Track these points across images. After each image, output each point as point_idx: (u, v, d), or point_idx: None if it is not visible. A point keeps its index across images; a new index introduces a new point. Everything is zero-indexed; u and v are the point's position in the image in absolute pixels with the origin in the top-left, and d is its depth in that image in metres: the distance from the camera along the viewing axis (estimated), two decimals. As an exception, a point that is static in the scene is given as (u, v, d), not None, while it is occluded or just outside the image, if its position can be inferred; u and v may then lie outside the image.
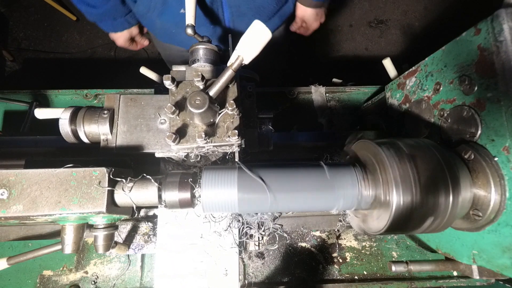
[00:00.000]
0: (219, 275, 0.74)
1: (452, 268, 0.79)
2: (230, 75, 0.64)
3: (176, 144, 0.66)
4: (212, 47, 0.87)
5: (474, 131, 0.64)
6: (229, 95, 0.71)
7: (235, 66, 0.63)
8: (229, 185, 0.63)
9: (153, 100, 0.77)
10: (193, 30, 0.85)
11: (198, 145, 0.67)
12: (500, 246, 0.59)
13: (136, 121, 0.74)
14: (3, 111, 1.18)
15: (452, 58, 0.71)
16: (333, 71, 2.86)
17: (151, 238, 0.93)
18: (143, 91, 1.20)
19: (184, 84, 0.70)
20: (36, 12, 2.92)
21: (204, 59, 0.85)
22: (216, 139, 0.67)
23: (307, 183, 0.65)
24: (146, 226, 0.93)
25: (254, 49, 0.62)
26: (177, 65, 0.91)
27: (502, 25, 0.57)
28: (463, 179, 0.62)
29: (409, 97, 0.89)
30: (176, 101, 0.69)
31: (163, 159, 0.82)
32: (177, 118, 0.68)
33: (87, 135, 0.73)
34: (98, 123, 0.72)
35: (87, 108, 0.74)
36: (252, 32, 0.61)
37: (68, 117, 0.72)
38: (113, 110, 0.74)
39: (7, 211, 0.60)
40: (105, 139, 0.73)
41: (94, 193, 0.63)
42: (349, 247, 1.06)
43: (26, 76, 2.78)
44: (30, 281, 0.97)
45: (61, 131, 0.72)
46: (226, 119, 0.68)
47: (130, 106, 0.75)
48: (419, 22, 3.09)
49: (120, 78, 2.70)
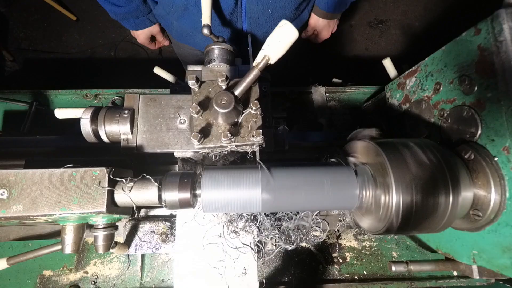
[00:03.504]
0: (238, 275, 0.74)
1: (452, 268, 0.79)
2: (255, 75, 0.64)
3: (200, 144, 0.66)
4: (227, 47, 0.87)
5: (474, 131, 0.64)
6: (252, 95, 0.71)
7: (261, 66, 0.63)
8: (230, 185, 0.63)
9: (173, 100, 0.77)
10: (209, 30, 0.85)
11: (222, 145, 0.67)
12: (500, 246, 0.59)
13: (155, 120, 0.75)
14: (3, 111, 1.18)
15: (452, 58, 0.71)
16: (333, 71, 2.86)
17: (169, 237, 0.93)
18: (143, 91, 1.20)
19: (206, 84, 0.71)
20: (36, 12, 2.92)
21: (220, 59, 0.86)
22: (239, 138, 0.68)
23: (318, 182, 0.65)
24: (164, 225, 0.94)
25: (281, 49, 0.62)
26: (192, 65, 0.93)
27: (502, 25, 0.57)
28: (463, 179, 0.62)
29: (409, 97, 0.89)
30: (199, 101, 0.69)
31: (181, 159, 0.82)
32: (200, 118, 0.68)
33: (107, 134, 0.73)
34: (119, 122, 0.72)
35: (107, 108, 0.74)
36: (279, 32, 0.61)
37: (89, 117, 0.72)
38: (133, 110, 0.74)
39: (7, 211, 0.60)
40: (126, 138, 0.73)
41: (94, 193, 0.63)
42: (349, 247, 1.06)
43: (26, 76, 2.78)
44: (30, 281, 0.97)
45: (82, 130, 0.72)
46: (249, 119, 0.69)
47: (150, 106, 0.76)
48: (419, 22, 3.09)
49: (120, 78, 2.71)
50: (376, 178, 0.64)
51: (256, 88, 0.71)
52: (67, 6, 2.88)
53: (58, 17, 2.89)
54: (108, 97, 1.20)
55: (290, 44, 0.62)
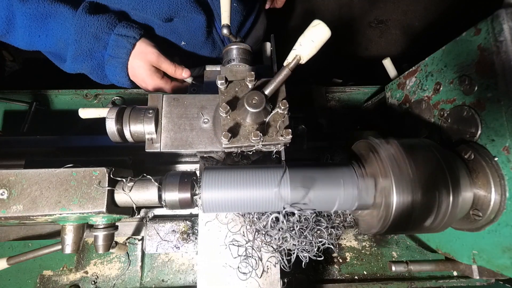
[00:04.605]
0: (261, 273, 0.75)
1: (452, 268, 0.79)
2: (286, 74, 0.64)
3: (230, 143, 0.66)
4: (245, 46, 0.88)
5: (474, 131, 0.64)
6: (279, 94, 0.71)
7: (292, 65, 0.63)
8: (232, 185, 0.63)
9: (196, 99, 0.77)
10: (229, 30, 0.85)
11: (249, 144, 0.67)
12: (500, 246, 0.59)
13: (179, 120, 0.75)
14: (3, 111, 1.18)
15: (452, 58, 0.71)
16: (333, 71, 2.86)
17: (190, 236, 0.94)
18: (144, 91, 1.20)
19: (233, 84, 0.71)
20: (36, 12, 2.92)
21: (238, 59, 0.87)
22: (267, 138, 0.68)
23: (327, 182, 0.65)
24: (185, 224, 0.94)
25: (314, 48, 0.61)
26: (210, 65, 0.93)
27: (502, 25, 0.57)
28: (463, 179, 0.62)
29: (409, 97, 0.89)
30: (226, 100, 0.69)
31: (202, 158, 0.83)
32: (228, 118, 0.68)
33: (132, 134, 0.73)
34: (144, 122, 0.72)
35: (131, 108, 0.74)
36: (312, 31, 0.60)
37: (114, 117, 0.72)
38: (157, 110, 0.75)
39: (7, 211, 0.60)
40: (150, 138, 0.73)
41: (94, 193, 0.63)
42: (349, 247, 1.06)
43: (26, 76, 2.78)
44: (30, 281, 0.97)
45: (108, 130, 0.72)
46: (276, 118, 0.69)
47: (173, 105, 0.76)
48: (419, 22, 3.09)
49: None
50: (376, 178, 0.64)
51: (283, 87, 0.71)
52: (67, 6, 2.88)
53: (58, 17, 2.89)
54: (108, 97, 1.20)
55: (323, 44, 0.61)
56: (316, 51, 0.62)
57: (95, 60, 0.89)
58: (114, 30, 0.87)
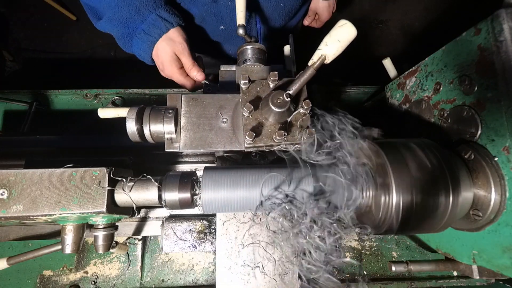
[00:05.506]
0: (279, 274, 0.75)
1: (452, 268, 0.79)
2: (311, 74, 0.65)
3: (253, 143, 0.67)
4: (260, 46, 0.88)
5: (474, 131, 0.64)
6: (301, 94, 0.72)
7: (316, 65, 0.63)
8: (232, 185, 0.63)
9: (214, 99, 0.77)
10: (244, 30, 0.85)
11: (272, 143, 0.68)
12: (500, 246, 0.59)
13: (198, 120, 0.75)
14: (3, 111, 1.18)
15: (452, 58, 0.71)
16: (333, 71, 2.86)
17: (207, 236, 0.93)
18: (143, 91, 1.21)
19: (255, 84, 0.72)
20: (36, 12, 2.92)
21: (254, 59, 0.87)
22: (289, 137, 0.68)
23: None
24: (201, 224, 0.94)
25: (340, 48, 0.61)
26: (225, 65, 0.93)
27: (502, 25, 0.57)
28: (463, 179, 0.62)
29: (409, 97, 0.89)
30: (248, 100, 0.69)
31: (219, 157, 0.83)
32: (250, 117, 0.69)
33: (152, 134, 0.73)
34: (164, 122, 0.72)
35: (151, 108, 0.74)
36: (339, 31, 0.60)
37: (134, 117, 0.72)
38: (176, 109, 0.75)
39: (7, 211, 0.60)
40: (170, 138, 0.73)
41: (94, 193, 0.63)
42: (349, 247, 1.06)
43: (26, 76, 2.78)
44: (30, 281, 0.97)
45: (128, 130, 0.72)
46: (297, 118, 0.70)
47: (192, 105, 0.76)
48: (419, 22, 3.09)
49: (120, 78, 2.70)
50: (376, 179, 0.64)
51: (304, 87, 0.71)
52: (67, 6, 2.88)
53: (58, 17, 2.89)
54: (108, 97, 1.20)
55: (348, 43, 0.61)
56: (342, 50, 0.62)
57: (128, 29, 0.92)
58: (157, 10, 0.90)
